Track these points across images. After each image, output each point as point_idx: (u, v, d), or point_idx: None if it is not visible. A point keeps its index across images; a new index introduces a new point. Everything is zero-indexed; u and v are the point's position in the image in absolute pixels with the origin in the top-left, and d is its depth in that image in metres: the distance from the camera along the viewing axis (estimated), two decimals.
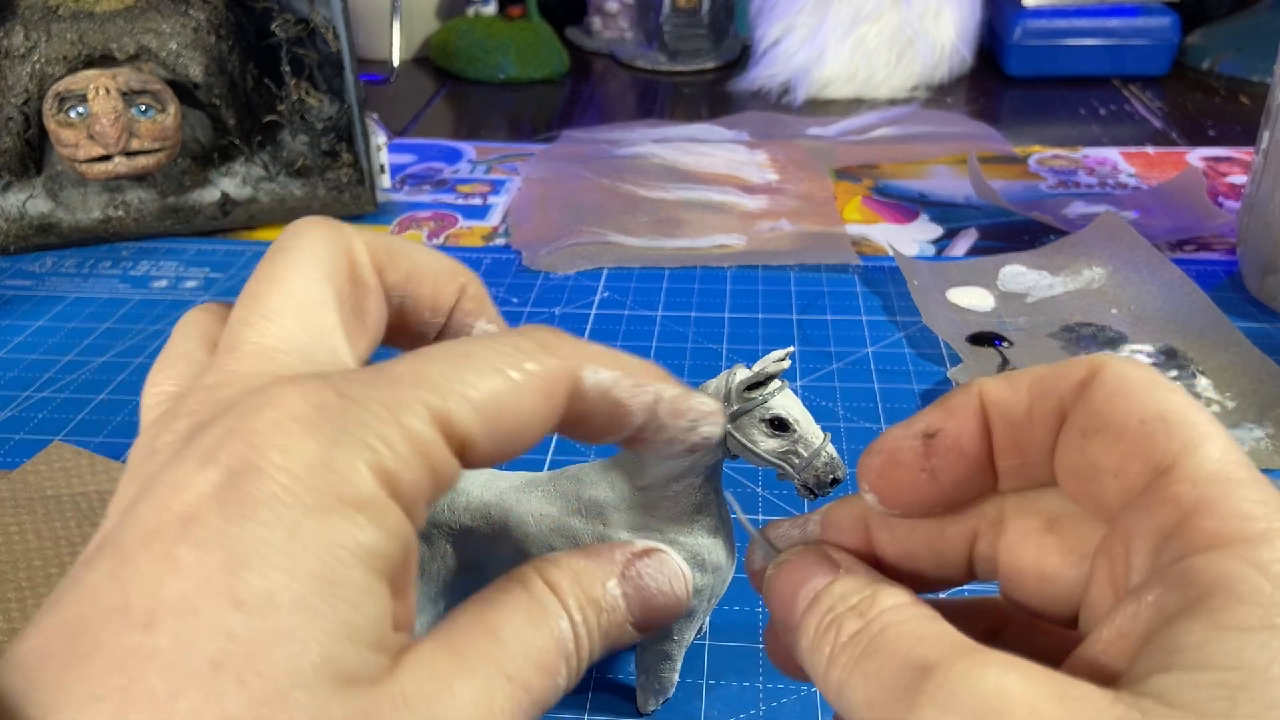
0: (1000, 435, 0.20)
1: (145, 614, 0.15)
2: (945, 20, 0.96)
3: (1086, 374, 0.18)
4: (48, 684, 0.15)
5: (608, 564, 0.21)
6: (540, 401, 0.19)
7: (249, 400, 0.17)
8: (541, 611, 0.19)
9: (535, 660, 0.19)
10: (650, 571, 0.22)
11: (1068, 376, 0.19)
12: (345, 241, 0.22)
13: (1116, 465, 0.17)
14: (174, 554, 0.15)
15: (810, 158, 0.81)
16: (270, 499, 0.16)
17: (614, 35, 1.14)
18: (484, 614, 0.19)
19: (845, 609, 0.19)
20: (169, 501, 0.16)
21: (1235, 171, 0.78)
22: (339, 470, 0.16)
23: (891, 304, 0.59)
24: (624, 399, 0.21)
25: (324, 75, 0.70)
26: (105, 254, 0.67)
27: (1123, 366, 0.18)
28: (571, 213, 0.71)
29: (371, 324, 0.22)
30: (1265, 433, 0.45)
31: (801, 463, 0.28)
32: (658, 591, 0.21)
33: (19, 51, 0.64)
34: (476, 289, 0.24)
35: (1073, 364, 0.19)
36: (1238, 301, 0.58)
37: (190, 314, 0.22)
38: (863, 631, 0.18)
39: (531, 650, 0.19)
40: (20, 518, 0.40)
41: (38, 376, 0.53)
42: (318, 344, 0.20)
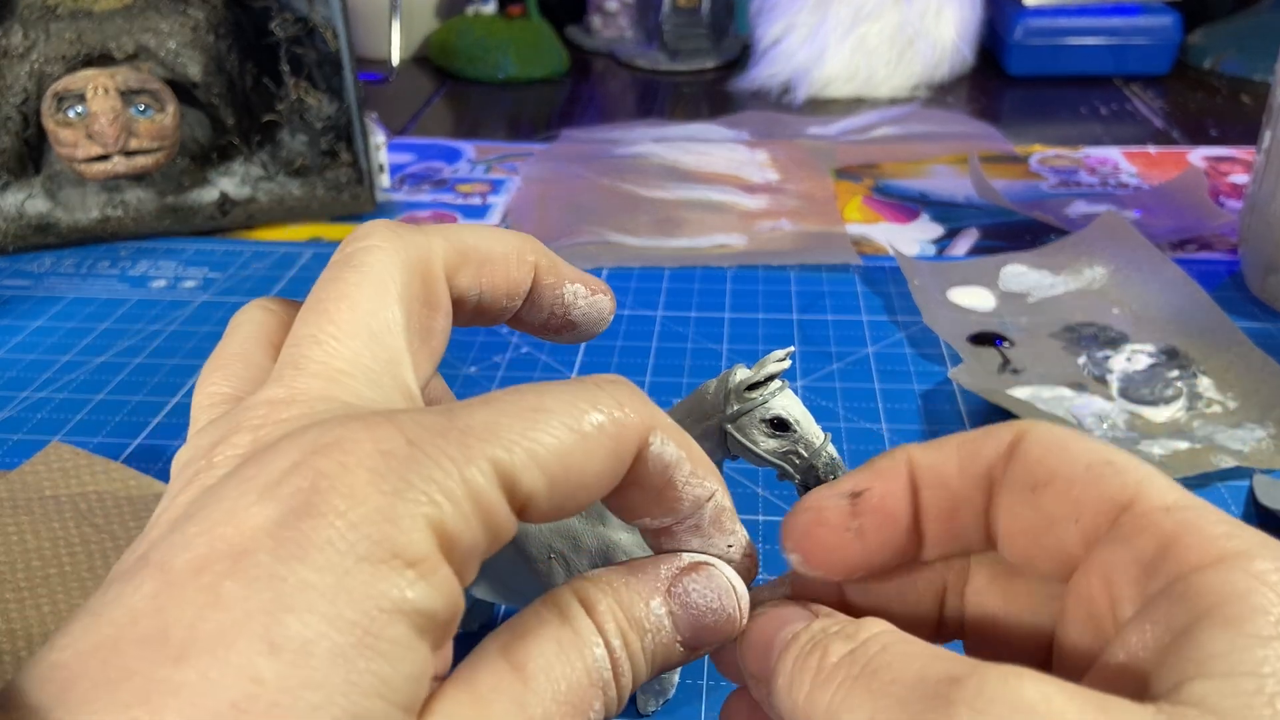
0: (929, 498, 0.20)
1: (179, 647, 0.14)
2: (946, 19, 0.96)
3: (1014, 437, 0.19)
4: (73, 704, 0.14)
5: (652, 580, 0.20)
6: (608, 459, 0.18)
7: (320, 436, 0.16)
8: (574, 638, 0.18)
9: (564, 697, 0.18)
10: (698, 587, 0.20)
11: (994, 441, 0.19)
12: (419, 256, 0.21)
13: (1073, 510, 0.18)
14: (220, 588, 0.15)
15: (811, 157, 0.81)
16: (325, 544, 0.15)
17: (614, 34, 1.14)
18: (511, 648, 0.18)
19: (828, 635, 0.18)
20: (223, 530, 0.15)
21: (1237, 171, 0.78)
22: (398, 524, 0.16)
23: (892, 304, 0.59)
24: (679, 481, 0.20)
25: (323, 74, 0.70)
26: (104, 254, 0.66)
27: (1047, 427, 0.19)
28: (571, 212, 0.71)
29: (436, 344, 0.22)
30: (1267, 433, 0.45)
31: (802, 463, 0.28)
32: (707, 609, 0.20)
33: (17, 51, 0.64)
34: (548, 260, 0.24)
35: (997, 429, 0.20)
36: (1239, 301, 0.58)
37: (248, 311, 0.22)
38: (857, 652, 0.17)
39: (560, 686, 0.18)
40: (19, 518, 0.40)
41: (36, 376, 0.53)
42: (384, 370, 0.19)
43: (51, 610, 0.36)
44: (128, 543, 0.39)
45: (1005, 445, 0.19)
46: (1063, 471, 0.18)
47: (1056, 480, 0.18)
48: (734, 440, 0.28)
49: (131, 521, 0.40)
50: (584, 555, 0.31)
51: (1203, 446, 0.44)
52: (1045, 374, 0.50)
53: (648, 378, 0.52)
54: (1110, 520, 0.18)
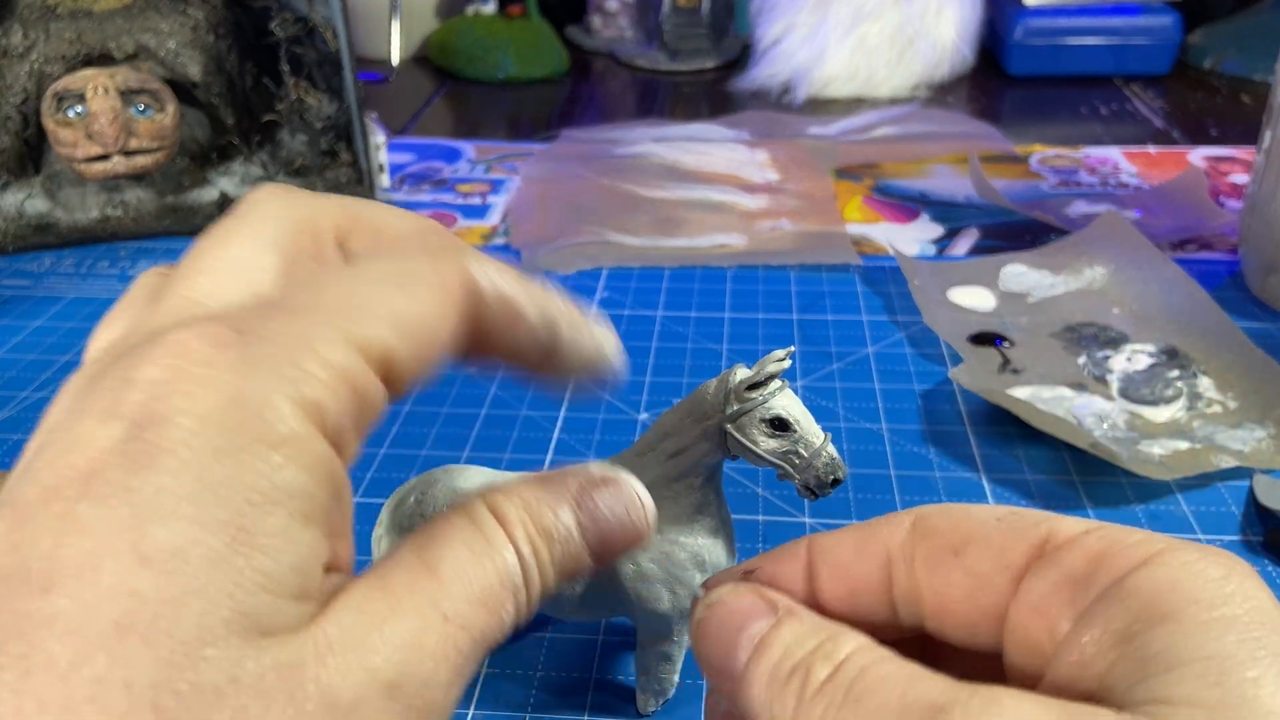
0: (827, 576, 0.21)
1: (44, 577, 0.14)
2: (946, 19, 0.96)
3: (914, 518, 0.20)
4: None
5: (561, 492, 0.20)
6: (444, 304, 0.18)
7: (144, 348, 0.16)
8: (486, 544, 0.18)
9: (477, 597, 0.18)
10: (607, 500, 0.21)
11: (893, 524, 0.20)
12: (303, 213, 0.21)
13: (1000, 559, 0.19)
14: (74, 512, 0.14)
15: (811, 157, 0.81)
16: (176, 446, 0.15)
17: (614, 34, 1.14)
18: (424, 549, 0.18)
19: (806, 654, 0.18)
20: (69, 458, 0.15)
21: (1237, 171, 0.77)
22: (250, 408, 0.15)
23: (892, 304, 0.59)
24: (515, 296, 0.20)
25: (323, 74, 0.70)
26: (103, 254, 0.66)
27: (941, 505, 0.21)
28: (571, 212, 0.71)
29: None
30: (1267, 433, 0.45)
31: (802, 463, 0.28)
32: (616, 521, 0.20)
33: (17, 51, 0.64)
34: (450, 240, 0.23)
35: (893, 516, 0.21)
36: (1240, 301, 0.58)
37: (143, 275, 0.22)
38: (838, 676, 0.18)
39: (473, 587, 0.18)
40: None
41: (36, 376, 0.53)
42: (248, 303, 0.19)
43: None
44: None
45: (907, 526, 0.20)
46: (977, 531, 0.19)
47: (974, 539, 0.19)
48: (734, 440, 0.28)
49: None
50: None
51: (1203, 446, 0.44)
52: (1045, 374, 0.50)
53: (648, 378, 0.52)
54: (1034, 558, 0.19)
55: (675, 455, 0.29)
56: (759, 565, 0.21)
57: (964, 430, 0.47)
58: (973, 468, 0.45)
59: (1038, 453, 0.46)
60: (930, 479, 0.44)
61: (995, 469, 0.45)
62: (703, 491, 0.30)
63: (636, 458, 0.30)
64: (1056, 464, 0.45)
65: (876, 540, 0.20)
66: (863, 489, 0.43)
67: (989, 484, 0.44)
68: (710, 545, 0.30)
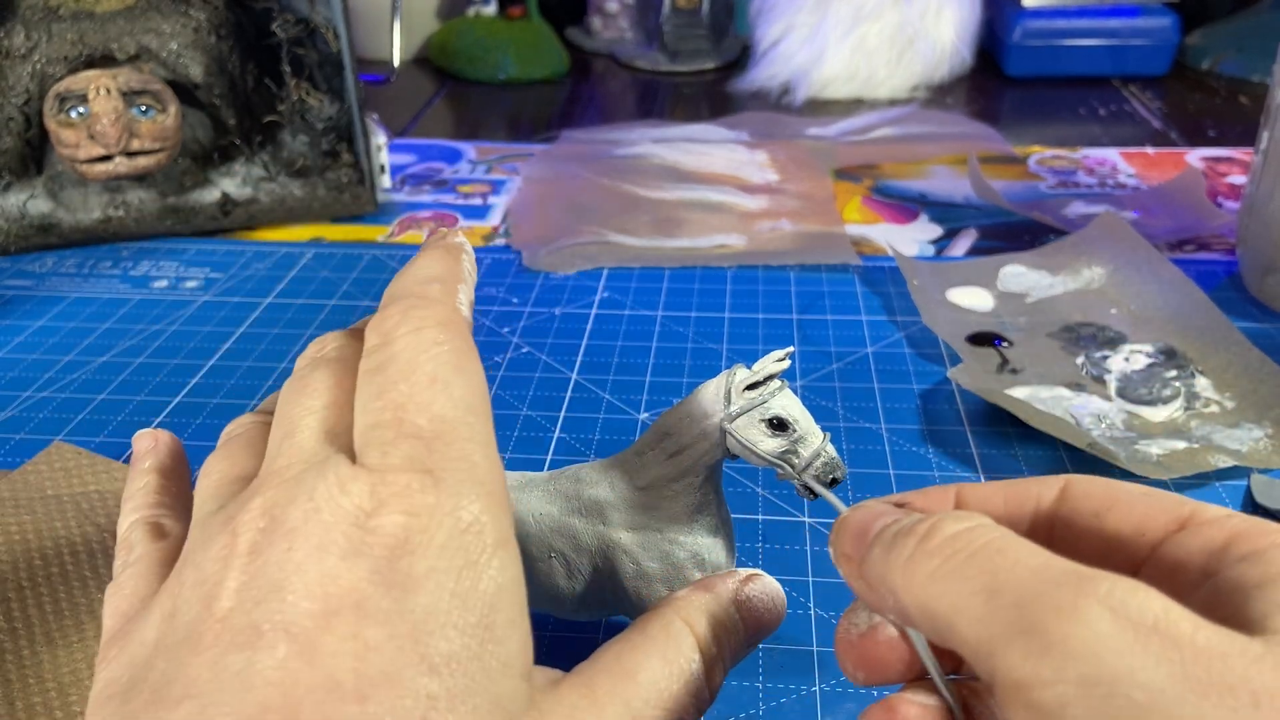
0: None
1: (355, 690, 0.17)
2: (945, 20, 0.96)
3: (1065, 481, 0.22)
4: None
5: (725, 594, 0.24)
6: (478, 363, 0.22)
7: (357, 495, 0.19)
8: (677, 652, 0.22)
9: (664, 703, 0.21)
10: (757, 593, 0.25)
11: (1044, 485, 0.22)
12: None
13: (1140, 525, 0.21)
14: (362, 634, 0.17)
15: (810, 158, 0.81)
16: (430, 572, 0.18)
17: (614, 35, 1.14)
18: (623, 656, 0.22)
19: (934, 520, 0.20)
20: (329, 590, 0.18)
21: (1235, 172, 0.78)
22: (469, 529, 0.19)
23: (891, 304, 0.59)
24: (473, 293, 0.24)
25: (324, 75, 0.70)
26: (105, 254, 0.67)
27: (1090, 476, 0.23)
28: (571, 213, 0.71)
29: None
30: (1265, 433, 0.45)
31: (801, 462, 0.28)
32: (764, 610, 0.25)
33: (19, 51, 0.64)
34: None
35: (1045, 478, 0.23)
36: (1237, 301, 0.58)
37: None
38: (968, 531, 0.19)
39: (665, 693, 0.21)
40: (20, 518, 0.40)
41: (38, 376, 0.53)
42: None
43: (53, 609, 0.36)
44: None
45: (1058, 488, 0.22)
46: (1123, 497, 0.21)
47: (1119, 504, 0.21)
48: (733, 440, 0.29)
49: None
50: (584, 554, 0.31)
51: (1200, 446, 0.45)
52: (1044, 374, 0.51)
53: (648, 378, 0.52)
54: (1173, 531, 0.20)
55: (675, 455, 0.29)
56: (911, 500, 0.23)
57: (963, 430, 0.47)
58: (971, 467, 0.45)
59: (1036, 452, 0.46)
60: (929, 479, 0.44)
61: (994, 469, 0.45)
62: (702, 491, 0.30)
63: (636, 457, 0.30)
64: (1055, 464, 0.45)
65: (1027, 495, 0.22)
66: (862, 489, 0.44)
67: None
68: (710, 544, 0.30)
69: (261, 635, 0.17)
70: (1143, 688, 0.16)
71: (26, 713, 0.32)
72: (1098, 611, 0.16)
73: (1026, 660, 0.16)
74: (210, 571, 0.19)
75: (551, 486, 0.32)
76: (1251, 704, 0.15)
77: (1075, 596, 0.17)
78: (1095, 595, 0.17)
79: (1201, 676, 0.16)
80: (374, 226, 0.70)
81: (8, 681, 0.33)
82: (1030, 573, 0.17)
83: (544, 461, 0.46)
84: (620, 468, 0.31)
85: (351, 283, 0.63)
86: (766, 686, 0.35)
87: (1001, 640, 0.17)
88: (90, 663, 0.34)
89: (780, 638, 0.36)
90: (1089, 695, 0.16)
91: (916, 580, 0.19)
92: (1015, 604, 0.17)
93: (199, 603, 0.19)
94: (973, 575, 0.18)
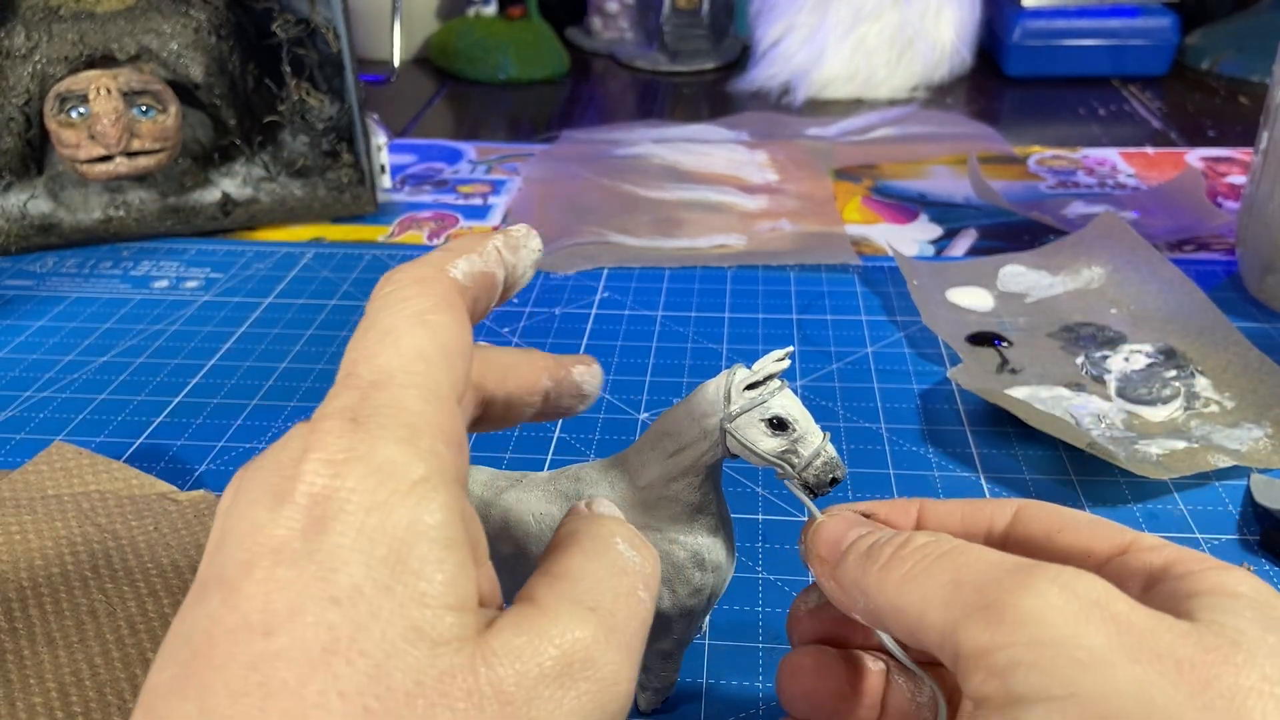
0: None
1: (263, 625, 0.18)
2: (945, 20, 0.97)
3: (1019, 505, 0.25)
4: (194, 693, 0.17)
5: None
6: (459, 315, 0.22)
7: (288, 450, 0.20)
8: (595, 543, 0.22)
9: (611, 588, 0.21)
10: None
11: (998, 506, 0.25)
12: None
13: (1087, 547, 0.23)
14: (274, 575, 0.18)
15: (810, 158, 0.81)
16: (338, 513, 0.19)
17: (614, 35, 1.14)
18: (551, 565, 0.22)
19: (908, 535, 0.23)
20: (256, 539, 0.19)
21: (1234, 172, 0.78)
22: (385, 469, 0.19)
23: (891, 304, 0.59)
24: (486, 268, 0.24)
25: (324, 75, 0.70)
26: (106, 254, 0.67)
27: (1041, 502, 0.25)
28: (571, 213, 0.71)
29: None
30: (1264, 432, 0.45)
31: (801, 462, 0.28)
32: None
33: (20, 52, 0.64)
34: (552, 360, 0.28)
35: (999, 500, 0.25)
36: (1237, 301, 0.58)
37: None
38: (936, 541, 0.22)
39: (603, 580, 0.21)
40: (21, 517, 0.40)
41: (38, 376, 0.53)
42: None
43: (54, 609, 0.36)
44: (130, 542, 0.40)
45: (1012, 511, 0.25)
46: (1070, 522, 0.24)
47: (1068, 528, 0.24)
48: (733, 440, 0.29)
49: (134, 521, 0.41)
50: None
51: (1200, 446, 0.45)
52: (1043, 374, 0.51)
53: (648, 378, 0.52)
54: (1116, 554, 0.23)
55: (675, 454, 0.29)
56: (875, 509, 0.26)
57: (963, 430, 0.47)
58: (971, 467, 0.45)
59: (1036, 452, 0.46)
60: (929, 478, 0.44)
61: (994, 468, 0.45)
62: (702, 490, 0.30)
63: (636, 457, 0.30)
64: (1054, 463, 0.45)
65: (982, 515, 0.25)
66: (862, 488, 0.44)
67: (987, 483, 0.44)
68: (710, 544, 0.30)
69: (205, 589, 0.19)
70: (1084, 649, 0.18)
71: (27, 713, 0.32)
72: (1046, 586, 0.19)
73: (985, 630, 0.19)
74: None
75: (552, 486, 0.32)
76: (1175, 669, 0.18)
77: (1028, 577, 0.20)
78: (1045, 576, 0.20)
79: (1134, 645, 0.19)
80: (374, 226, 0.70)
81: (8, 681, 0.33)
82: (989, 565, 0.21)
83: (544, 461, 0.46)
84: (620, 467, 0.31)
85: (352, 283, 0.63)
86: (766, 686, 0.35)
87: (964, 618, 0.20)
88: (90, 663, 0.34)
89: (781, 638, 0.36)
90: (1037, 654, 0.19)
91: (890, 582, 0.22)
92: (976, 588, 0.20)
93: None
94: (940, 571, 0.21)
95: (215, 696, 0.17)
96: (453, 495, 0.20)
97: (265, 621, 0.18)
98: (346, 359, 0.22)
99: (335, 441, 0.19)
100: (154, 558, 0.39)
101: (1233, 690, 0.18)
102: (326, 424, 0.20)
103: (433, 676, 0.18)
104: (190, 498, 0.42)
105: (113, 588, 0.37)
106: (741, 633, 0.37)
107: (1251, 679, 0.18)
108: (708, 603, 0.32)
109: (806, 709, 0.27)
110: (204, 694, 0.17)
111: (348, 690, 0.17)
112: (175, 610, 0.37)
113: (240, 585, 0.18)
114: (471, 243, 0.25)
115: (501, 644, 0.19)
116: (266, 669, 0.17)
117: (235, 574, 0.18)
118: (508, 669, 0.19)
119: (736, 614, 0.38)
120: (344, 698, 0.17)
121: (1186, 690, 0.18)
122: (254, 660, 0.17)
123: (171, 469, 0.46)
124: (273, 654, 0.17)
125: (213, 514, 0.41)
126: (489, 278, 0.25)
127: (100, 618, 0.36)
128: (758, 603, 0.38)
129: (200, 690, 0.17)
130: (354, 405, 0.20)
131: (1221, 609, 0.20)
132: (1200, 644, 0.19)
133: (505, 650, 0.19)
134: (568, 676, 0.19)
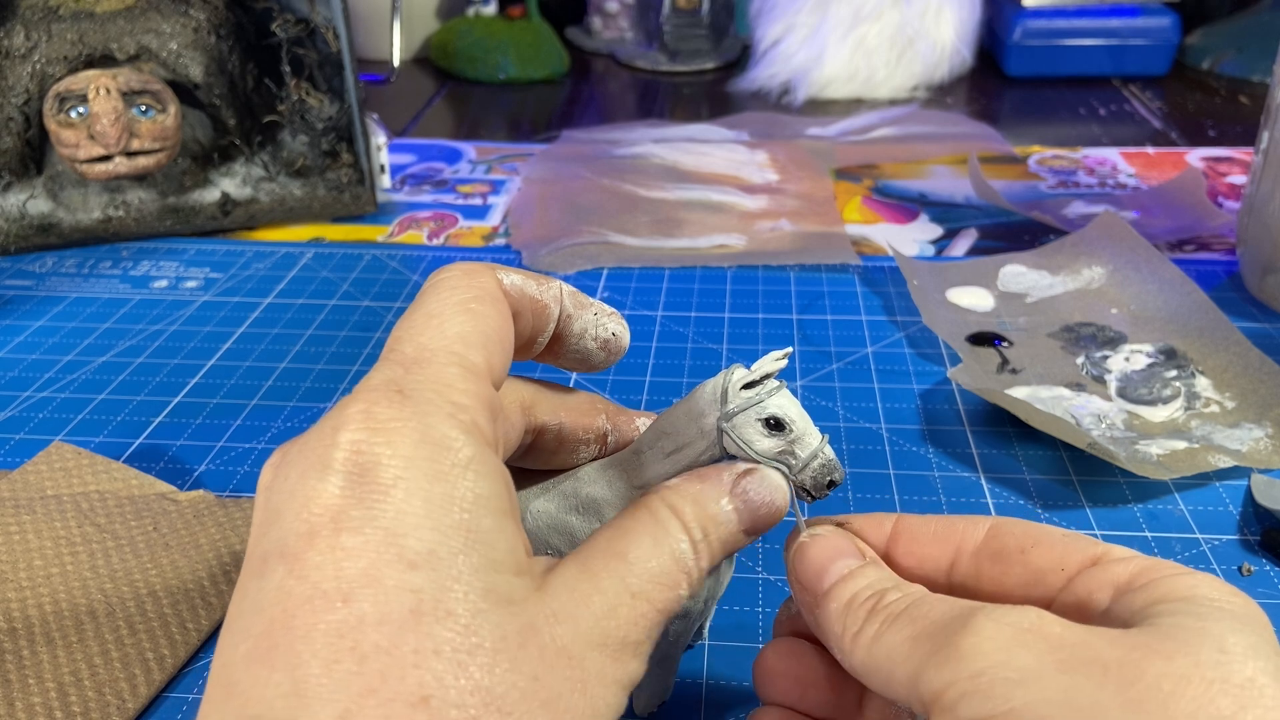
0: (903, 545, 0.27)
1: (339, 593, 0.18)
2: (945, 20, 0.96)
3: (993, 522, 0.26)
4: (281, 664, 0.18)
5: (719, 485, 0.25)
6: (501, 312, 0.24)
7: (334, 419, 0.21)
8: (665, 534, 0.24)
9: (657, 578, 0.23)
10: (754, 486, 0.26)
11: (972, 522, 0.26)
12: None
13: (1059, 561, 0.24)
14: (339, 543, 0.19)
15: (810, 158, 0.81)
16: (396, 480, 0.19)
17: (614, 35, 1.14)
18: (614, 540, 0.23)
19: (883, 587, 0.24)
20: (311, 509, 0.19)
21: (1235, 172, 0.78)
22: (438, 442, 0.20)
23: (891, 304, 0.59)
24: (535, 293, 0.26)
25: (324, 75, 0.70)
26: (105, 254, 0.67)
27: (1014, 519, 0.26)
28: (571, 213, 0.71)
29: None
30: (1265, 432, 0.45)
31: (798, 464, 0.28)
32: (761, 503, 0.26)
33: (19, 51, 0.64)
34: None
35: (974, 517, 0.26)
36: (1237, 301, 0.58)
37: None
38: (903, 598, 0.23)
39: (654, 569, 0.23)
40: (20, 517, 0.40)
41: (38, 376, 0.53)
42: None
43: (53, 609, 0.36)
44: (129, 542, 0.40)
45: (986, 528, 0.26)
46: (1044, 538, 0.25)
47: (1041, 543, 0.24)
48: (730, 440, 0.29)
49: (133, 521, 0.41)
50: None
51: (1200, 446, 0.45)
52: (1044, 374, 0.51)
53: (648, 378, 0.52)
54: (1087, 566, 0.24)
55: (672, 454, 0.29)
56: (850, 521, 0.27)
57: (963, 430, 0.47)
58: (971, 467, 0.45)
59: (1036, 452, 0.46)
60: (929, 478, 0.44)
61: (994, 468, 0.45)
62: None
63: (634, 456, 0.30)
64: (1055, 464, 0.45)
65: (954, 531, 0.26)
66: (862, 488, 0.44)
67: (988, 484, 0.44)
68: None
69: (266, 562, 0.19)
70: (1015, 669, 0.20)
71: (26, 713, 0.32)
72: (983, 622, 0.21)
73: (938, 672, 0.21)
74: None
75: (550, 484, 0.32)
76: (1102, 672, 0.19)
77: (970, 618, 0.21)
78: (983, 613, 0.21)
79: (1064, 658, 0.20)
80: (374, 226, 0.70)
81: (8, 681, 0.33)
82: (941, 613, 0.22)
83: None
84: (618, 466, 0.31)
85: (351, 283, 0.63)
86: None
87: (923, 666, 0.21)
88: (90, 663, 0.34)
89: None
90: (977, 683, 0.20)
91: (860, 646, 0.23)
92: (929, 637, 0.21)
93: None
94: (901, 627, 0.22)
95: (306, 666, 0.18)
96: (500, 467, 0.21)
97: (340, 588, 0.18)
98: (392, 337, 0.23)
99: (384, 410, 0.20)
100: (154, 558, 0.39)
101: (1159, 679, 0.19)
102: (373, 394, 0.21)
103: (514, 631, 0.19)
104: (190, 498, 0.42)
105: (112, 588, 0.37)
106: (741, 633, 0.37)
107: (1182, 666, 0.19)
108: (705, 605, 0.32)
109: (773, 693, 0.28)
110: (293, 664, 0.18)
111: (443, 649, 0.18)
112: (175, 610, 0.36)
113: (304, 555, 0.19)
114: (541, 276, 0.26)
115: (559, 605, 0.21)
116: (354, 635, 0.18)
117: (297, 545, 0.19)
118: (566, 628, 0.21)
119: (736, 615, 0.38)
120: (439, 655, 0.18)
121: (1112, 689, 0.19)
122: (337, 628, 0.18)
123: (171, 469, 0.46)
124: (356, 619, 0.18)
125: (212, 514, 0.41)
126: (539, 304, 0.26)
127: (100, 618, 0.36)
128: (757, 603, 0.38)
129: (289, 661, 0.18)
130: (399, 378, 0.21)
131: (1172, 611, 0.21)
132: (1130, 645, 0.20)
133: (564, 612, 0.21)
134: (606, 646, 0.21)
